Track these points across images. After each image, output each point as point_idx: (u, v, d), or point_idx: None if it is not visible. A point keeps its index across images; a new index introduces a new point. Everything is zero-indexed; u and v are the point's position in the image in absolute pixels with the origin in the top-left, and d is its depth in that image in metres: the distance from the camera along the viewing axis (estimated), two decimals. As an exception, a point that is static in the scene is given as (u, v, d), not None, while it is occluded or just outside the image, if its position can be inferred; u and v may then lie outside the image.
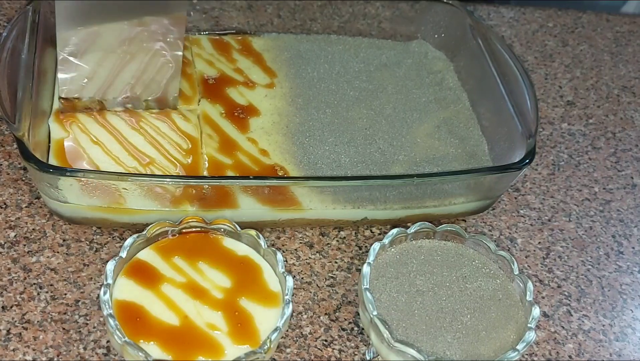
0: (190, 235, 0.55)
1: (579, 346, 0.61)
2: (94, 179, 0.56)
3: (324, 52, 0.77)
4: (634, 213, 0.72)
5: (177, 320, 0.50)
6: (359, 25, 0.80)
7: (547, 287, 0.65)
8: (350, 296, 0.61)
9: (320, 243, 0.64)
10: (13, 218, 0.62)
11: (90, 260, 0.60)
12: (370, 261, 0.54)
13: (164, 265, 0.53)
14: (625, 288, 0.66)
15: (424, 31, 0.81)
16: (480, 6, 0.93)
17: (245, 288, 0.52)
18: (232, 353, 0.48)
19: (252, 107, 0.70)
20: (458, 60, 0.78)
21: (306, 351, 0.57)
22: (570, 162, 0.76)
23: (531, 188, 0.73)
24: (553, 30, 0.92)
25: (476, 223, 0.69)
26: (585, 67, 0.88)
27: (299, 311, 0.59)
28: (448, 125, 0.72)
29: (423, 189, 0.63)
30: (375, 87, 0.75)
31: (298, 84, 0.74)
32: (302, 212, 0.62)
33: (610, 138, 0.80)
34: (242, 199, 0.60)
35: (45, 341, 0.55)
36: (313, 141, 0.68)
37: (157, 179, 0.58)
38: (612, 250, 0.69)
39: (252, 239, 0.54)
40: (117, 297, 0.50)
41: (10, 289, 0.57)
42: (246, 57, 0.75)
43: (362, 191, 0.62)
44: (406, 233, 0.56)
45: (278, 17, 0.79)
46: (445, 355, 0.50)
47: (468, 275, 0.55)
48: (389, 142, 0.69)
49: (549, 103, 0.83)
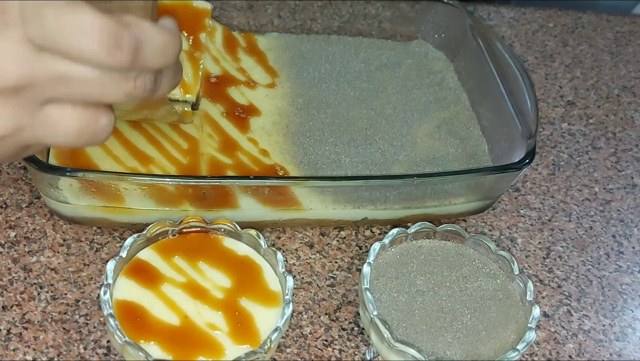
0: (190, 235, 0.55)
1: (579, 346, 0.61)
2: (94, 179, 0.56)
3: (325, 53, 0.77)
4: (634, 213, 0.72)
5: (177, 320, 0.50)
6: (359, 25, 0.80)
7: (547, 287, 0.65)
8: (351, 296, 0.61)
9: (320, 243, 0.64)
10: (13, 217, 0.62)
11: (90, 260, 0.60)
12: (370, 261, 0.54)
13: (164, 265, 0.52)
14: (626, 288, 0.66)
15: (424, 31, 0.81)
16: (481, 6, 0.93)
17: (246, 288, 0.52)
18: (232, 353, 0.48)
19: (253, 107, 0.70)
20: (458, 60, 0.78)
21: (306, 351, 0.57)
22: (571, 162, 0.76)
23: (531, 187, 0.73)
24: (553, 31, 0.92)
25: (476, 223, 0.69)
26: (586, 67, 0.88)
27: (299, 311, 0.59)
28: (448, 125, 0.72)
29: (423, 189, 0.63)
30: (376, 87, 0.75)
31: (299, 84, 0.74)
32: (303, 212, 0.62)
33: (610, 138, 0.80)
34: (242, 199, 0.60)
35: (45, 341, 0.55)
36: (313, 141, 0.68)
37: (157, 179, 0.58)
38: (612, 250, 0.69)
39: (252, 239, 0.54)
40: (117, 297, 0.50)
41: (10, 289, 0.57)
42: (250, 56, 0.75)
43: (363, 191, 0.62)
44: (406, 233, 0.56)
45: (278, 17, 0.79)
46: (446, 354, 0.50)
47: (468, 275, 0.55)
48: (389, 142, 0.69)
49: (549, 103, 0.83)
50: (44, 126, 0.41)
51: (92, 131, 0.41)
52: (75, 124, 0.41)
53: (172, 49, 0.41)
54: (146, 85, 0.41)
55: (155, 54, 0.40)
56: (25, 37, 0.38)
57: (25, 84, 0.39)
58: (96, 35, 0.37)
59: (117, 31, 0.38)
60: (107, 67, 0.39)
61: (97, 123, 0.41)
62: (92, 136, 0.42)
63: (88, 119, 0.41)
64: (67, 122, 0.41)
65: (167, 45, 0.40)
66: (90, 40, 0.37)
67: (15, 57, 0.38)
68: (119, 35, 0.38)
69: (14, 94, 0.39)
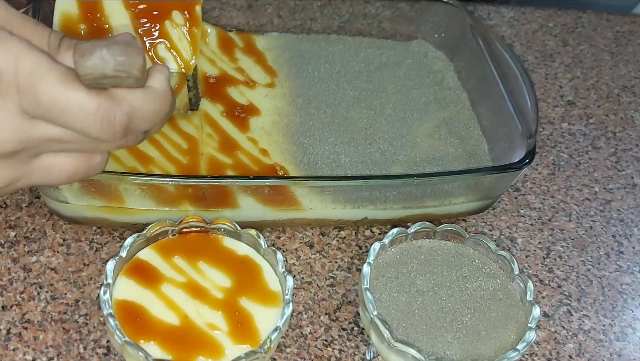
0: (190, 235, 0.55)
1: (579, 346, 0.61)
2: (93, 179, 0.56)
3: (324, 52, 0.77)
4: (634, 213, 0.72)
5: (177, 320, 0.50)
6: (359, 25, 0.80)
7: (547, 287, 0.65)
8: (351, 296, 0.61)
9: (320, 243, 0.64)
10: (13, 217, 0.62)
11: (90, 260, 0.60)
12: (370, 261, 0.54)
13: (164, 265, 0.52)
14: (626, 287, 0.66)
15: (424, 31, 0.81)
16: (481, 6, 0.93)
17: (246, 287, 0.52)
18: (232, 353, 0.48)
19: (253, 107, 0.70)
20: (458, 60, 0.78)
21: (306, 351, 0.57)
22: (571, 162, 0.76)
23: (531, 187, 0.73)
24: (553, 30, 0.92)
25: (476, 222, 0.69)
26: (586, 67, 0.88)
27: (299, 311, 0.59)
28: (448, 125, 0.72)
29: (423, 189, 0.63)
30: (375, 87, 0.75)
31: (298, 83, 0.74)
32: (302, 212, 0.62)
33: (610, 138, 0.80)
34: (242, 199, 0.60)
35: (45, 341, 0.55)
36: (313, 140, 0.68)
37: (157, 179, 0.58)
38: (612, 250, 0.69)
39: (252, 239, 0.54)
40: (117, 297, 0.50)
41: (10, 289, 0.57)
42: (248, 56, 0.75)
43: (362, 191, 0.62)
44: (406, 233, 0.56)
45: (278, 17, 0.79)
46: (446, 354, 0.50)
47: (468, 275, 0.55)
48: (389, 142, 0.69)
49: (549, 103, 0.83)
50: (39, 171, 0.42)
51: (87, 170, 0.43)
52: (69, 168, 0.43)
53: (163, 111, 0.43)
54: (138, 138, 0.43)
55: (146, 121, 0.42)
56: (21, 108, 0.39)
57: (21, 148, 0.40)
58: (90, 115, 0.39)
59: (110, 110, 0.39)
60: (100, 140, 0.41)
61: (90, 163, 0.43)
62: (86, 174, 0.44)
63: (82, 161, 0.43)
64: (61, 167, 0.43)
65: (157, 110, 0.42)
66: (84, 119, 0.39)
67: (12, 126, 0.39)
68: (111, 114, 0.40)
69: (10, 156, 0.41)
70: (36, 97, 0.38)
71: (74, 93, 0.39)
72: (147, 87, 0.42)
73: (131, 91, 0.41)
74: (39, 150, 0.41)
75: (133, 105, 0.40)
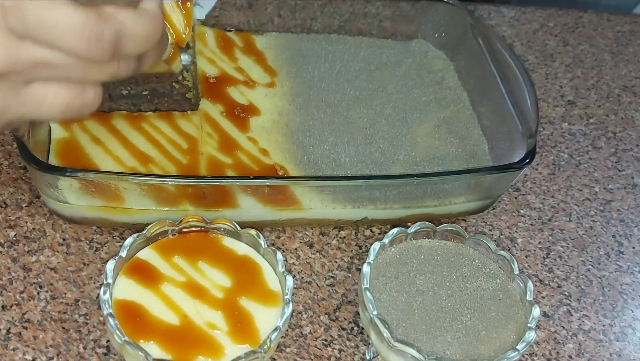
0: (190, 234, 0.55)
1: (579, 346, 0.61)
2: (93, 179, 0.56)
3: (325, 52, 0.77)
4: (635, 213, 0.72)
5: (177, 320, 0.50)
6: (359, 24, 0.80)
7: (547, 287, 0.65)
8: (350, 295, 0.61)
9: (320, 243, 0.64)
10: (13, 217, 0.62)
11: (90, 260, 0.60)
12: (370, 261, 0.54)
13: (164, 265, 0.52)
14: (626, 288, 0.66)
15: (425, 30, 0.81)
16: (481, 5, 0.93)
17: (245, 287, 0.52)
18: (232, 353, 0.48)
19: (253, 107, 0.70)
20: (458, 59, 0.78)
21: (306, 351, 0.57)
22: (571, 162, 0.76)
23: (531, 187, 0.73)
24: (554, 30, 0.92)
25: (476, 222, 0.69)
26: (586, 66, 0.88)
27: (298, 310, 0.59)
28: (448, 124, 0.72)
29: (423, 188, 0.63)
30: (376, 86, 0.75)
31: (298, 83, 0.74)
32: (302, 211, 0.62)
33: (610, 138, 0.80)
34: (242, 199, 0.60)
35: (45, 341, 0.55)
36: (313, 140, 0.68)
37: (156, 179, 0.58)
38: (612, 250, 0.69)
39: (252, 239, 0.54)
40: (117, 296, 0.50)
41: (10, 289, 0.57)
42: (248, 56, 0.75)
43: (362, 191, 0.62)
44: (406, 233, 0.56)
45: (278, 16, 0.79)
46: (445, 354, 0.50)
47: (468, 275, 0.55)
48: (389, 141, 0.69)
49: (549, 103, 0.82)
50: (29, 102, 0.41)
51: (80, 105, 0.41)
52: (61, 100, 0.41)
53: (154, 35, 0.41)
54: (130, 66, 0.41)
55: (136, 43, 0.40)
56: (6, 27, 0.38)
57: (9, 70, 0.39)
58: (77, 31, 0.37)
59: (97, 26, 0.38)
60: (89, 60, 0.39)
61: (83, 98, 0.41)
62: (80, 109, 0.42)
63: (74, 94, 0.41)
64: (53, 98, 0.41)
65: (148, 33, 0.40)
66: (71, 36, 0.37)
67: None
68: (99, 30, 0.38)
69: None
70: (22, 14, 0.37)
71: (61, 7, 0.37)
72: (139, 9, 0.40)
73: (122, 9, 0.39)
74: (28, 76, 0.40)
75: (123, 23, 0.39)
